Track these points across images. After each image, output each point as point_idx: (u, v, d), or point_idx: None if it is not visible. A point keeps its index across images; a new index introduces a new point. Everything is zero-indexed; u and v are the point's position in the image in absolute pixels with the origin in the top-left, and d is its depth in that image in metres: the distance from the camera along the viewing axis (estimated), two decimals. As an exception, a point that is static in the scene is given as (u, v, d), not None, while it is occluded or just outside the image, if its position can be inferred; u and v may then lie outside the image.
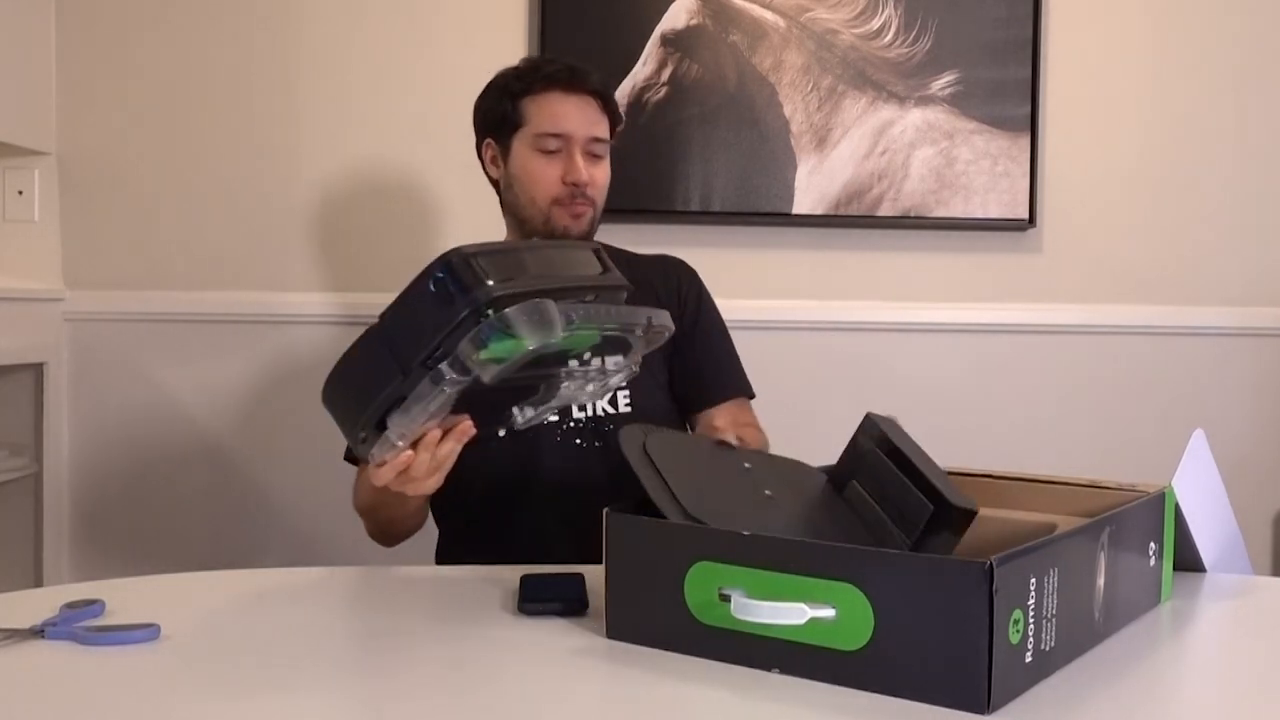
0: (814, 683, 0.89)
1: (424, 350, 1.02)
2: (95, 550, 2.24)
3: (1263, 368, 2.26)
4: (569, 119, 1.55)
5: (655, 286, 1.62)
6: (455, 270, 1.02)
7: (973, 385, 2.24)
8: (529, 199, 1.56)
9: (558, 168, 1.54)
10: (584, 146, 1.55)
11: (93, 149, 2.23)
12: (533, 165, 1.55)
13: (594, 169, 1.56)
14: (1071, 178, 2.25)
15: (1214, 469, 1.27)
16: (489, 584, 1.22)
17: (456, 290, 1.01)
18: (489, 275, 1.01)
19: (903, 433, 1.15)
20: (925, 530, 1.02)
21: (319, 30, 2.22)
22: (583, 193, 1.54)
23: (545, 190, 1.54)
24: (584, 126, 1.55)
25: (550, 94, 1.55)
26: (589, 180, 1.54)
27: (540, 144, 1.55)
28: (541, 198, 1.55)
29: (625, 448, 1.09)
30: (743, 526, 0.95)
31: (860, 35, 2.19)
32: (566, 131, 1.54)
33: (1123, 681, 0.93)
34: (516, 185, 1.57)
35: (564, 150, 1.55)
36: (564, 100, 1.55)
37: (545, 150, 1.55)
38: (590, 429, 1.52)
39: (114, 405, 2.23)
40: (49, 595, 1.15)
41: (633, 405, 1.54)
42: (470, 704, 0.89)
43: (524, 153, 1.56)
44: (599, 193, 1.58)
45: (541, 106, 1.55)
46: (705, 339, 1.64)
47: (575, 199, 1.54)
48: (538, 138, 1.55)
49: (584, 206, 1.55)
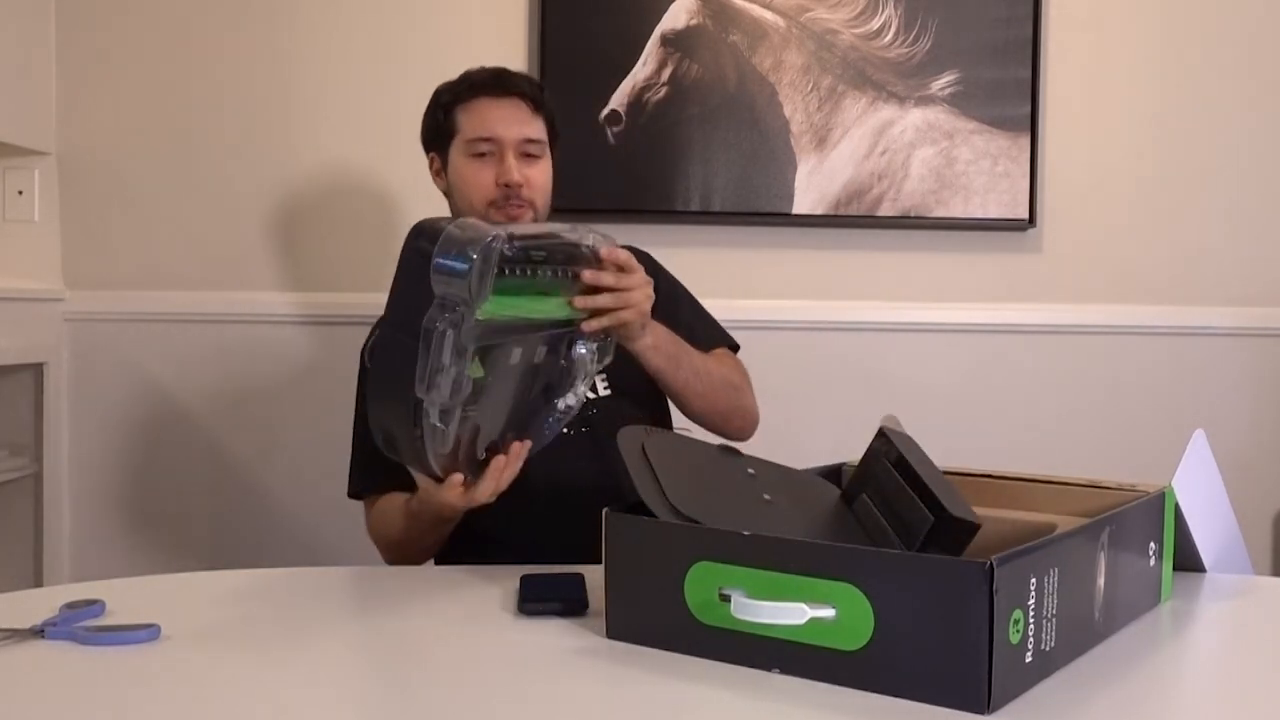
0: (814, 683, 0.89)
1: (418, 310, 1.10)
2: (95, 550, 2.24)
3: (1263, 368, 2.26)
4: (498, 122, 1.56)
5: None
6: (418, 231, 1.13)
7: (972, 385, 2.24)
8: (467, 205, 1.58)
9: (490, 171, 1.56)
10: (516, 148, 1.56)
11: (93, 149, 2.23)
12: (466, 171, 1.57)
13: (529, 170, 1.57)
14: (1071, 178, 2.25)
15: (1214, 469, 1.27)
16: (489, 584, 1.22)
17: (422, 244, 1.12)
18: (443, 223, 1.13)
19: (914, 444, 1.15)
20: (926, 541, 1.02)
21: (319, 31, 2.22)
22: (516, 194, 1.55)
23: (480, 194, 1.56)
24: (513, 128, 1.56)
25: (478, 100, 1.58)
26: (522, 181, 1.55)
27: (472, 149, 1.57)
28: (478, 201, 1.56)
29: (623, 447, 1.09)
30: (736, 527, 0.95)
31: (860, 35, 2.19)
32: (496, 135, 1.56)
33: (1123, 681, 0.93)
34: (455, 193, 1.60)
35: (496, 153, 1.56)
36: (492, 105, 1.57)
37: (478, 154, 1.57)
38: (576, 415, 1.52)
39: (114, 405, 2.23)
40: (49, 595, 1.15)
41: (611, 388, 1.57)
42: (470, 704, 0.89)
43: (458, 160, 1.59)
44: (537, 193, 1.58)
45: (471, 113, 1.58)
46: (668, 310, 1.61)
47: (510, 200, 1.55)
48: (469, 143, 1.57)
49: (520, 209, 1.56)
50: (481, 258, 1.09)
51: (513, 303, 1.16)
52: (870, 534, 1.11)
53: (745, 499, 1.12)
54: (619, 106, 2.17)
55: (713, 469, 1.16)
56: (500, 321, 1.15)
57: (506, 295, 1.14)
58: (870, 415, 1.26)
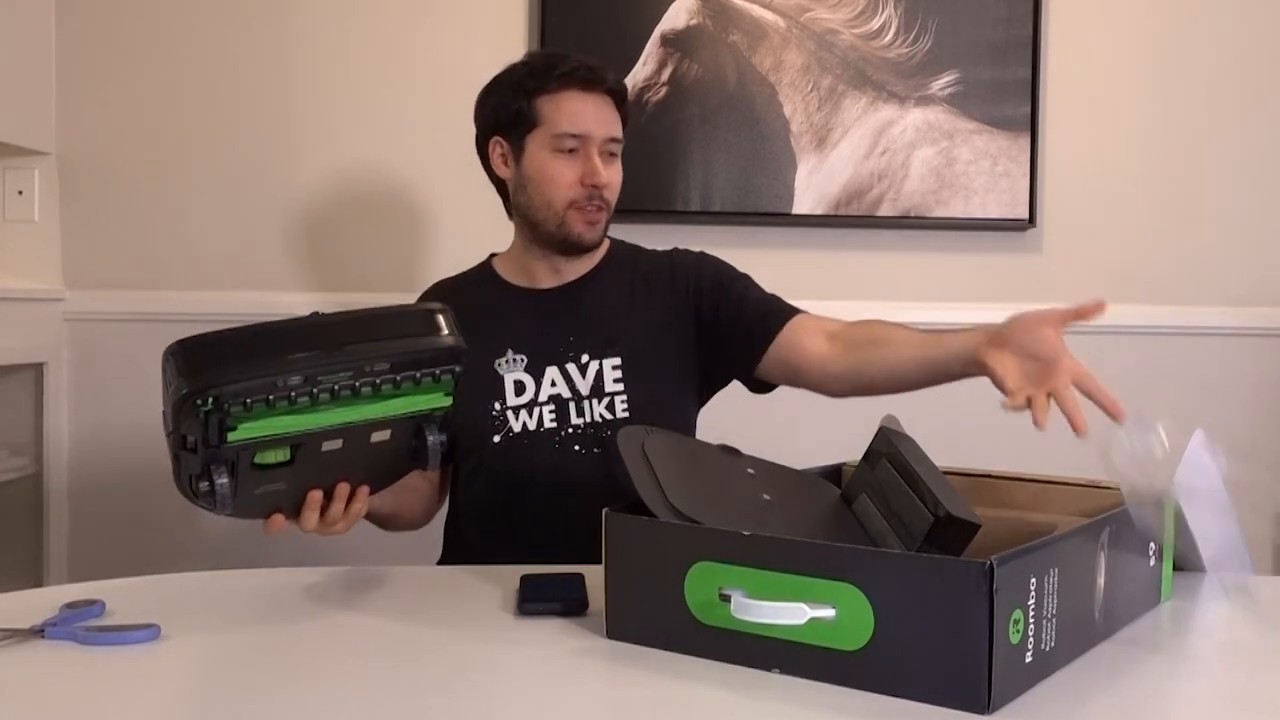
0: (814, 683, 0.89)
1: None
2: (95, 550, 2.24)
3: (1263, 368, 2.26)
4: (588, 118, 1.50)
5: (661, 282, 1.59)
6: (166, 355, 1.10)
7: (972, 385, 2.23)
8: (544, 201, 1.52)
9: (576, 169, 1.50)
10: (601, 147, 1.51)
11: (93, 149, 2.23)
12: (550, 167, 1.51)
13: (610, 170, 1.53)
14: (1071, 178, 2.25)
15: (1214, 469, 1.27)
16: (489, 584, 1.22)
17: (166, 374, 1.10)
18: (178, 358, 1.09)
19: (914, 444, 1.15)
20: (926, 541, 1.02)
21: (318, 31, 2.22)
22: (600, 195, 1.51)
23: (563, 192, 1.51)
24: (602, 126, 1.51)
25: (568, 92, 1.51)
26: (607, 182, 1.51)
27: (558, 144, 1.50)
28: (559, 200, 1.51)
29: (623, 447, 1.09)
30: (735, 527, 0.95)
31: (860, 35, 2.19)
32: (585, 131, 1.50)
33: (1123, 681, 0.93)
34: (531, 187, 1.53)
35: (581, 151, 1.51)
36: (582, 99, 1.51)
37: (563, 150, 1.50)
38: (589, 435, 1.51)
39: (114, 405, 2.22)
40: (49, 595, 1.15)
41: (630, 410, 1.52)
42: (471, 704, 0.89)
43: (540, 154, 1.52)
44: (614, 194, 1.54)
45: (559, 105, 1.51)
46: (736, 302, 1.57)
47: (592, 201, 1.51)
48: (555, 138, 1.50)
49: (599, 212, 1.52)
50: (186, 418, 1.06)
51: (286, 422, 1.09)
52: (870, 534, 1.11)
53: (745, 499, 1.12)
54: (619, 106, 2.17)
55: (713, 469, 1.16)
56: (287, 434, 1.09)
57: (277, 416, 1.08)
58: (870, 415, 1.26)
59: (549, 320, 1.56)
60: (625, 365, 1.53)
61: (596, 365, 1.53)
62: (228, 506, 1.10)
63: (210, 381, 1.05)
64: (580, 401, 1.52)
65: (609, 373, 1.53)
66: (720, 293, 1.58)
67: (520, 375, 1.53)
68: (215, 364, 1.06)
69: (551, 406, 1.52)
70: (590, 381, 1.53)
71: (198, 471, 1.10)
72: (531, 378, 1.53)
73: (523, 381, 1.53)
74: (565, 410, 1.52)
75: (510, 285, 1.61)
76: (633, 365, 1.53)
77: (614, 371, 1.53)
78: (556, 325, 1.56)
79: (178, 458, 1.11)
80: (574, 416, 1.52)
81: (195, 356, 1.07)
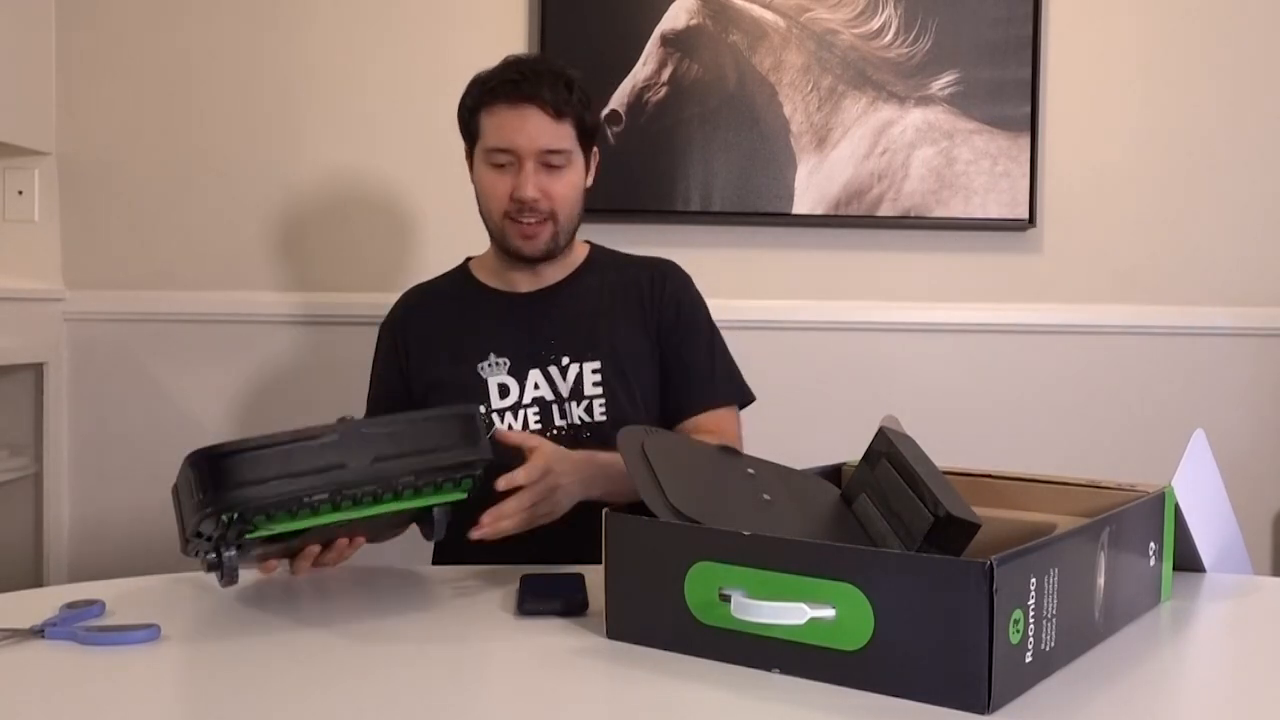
0: (814, 683, 0.89)
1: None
2: (95, 550, 2.24)
3: (1263, 368, 2.26)
4: (515, 133, 1.50)
5: (640, 289, 1.62)
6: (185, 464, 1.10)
7: (972, 385, 2.24)
8: (486, 212, 1.57)
9: (507, 183, 1.52)
10: (537, 159, 1.51)
11: (93, 149, 2.23)
12: (485, 180, 1.55)
13: (550, 182, 1.52)
14: (1071, 178, 2.24)
15: (1214, 469, 1.27)
16: (489, 584, 1.22)
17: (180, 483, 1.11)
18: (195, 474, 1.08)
19: (914, 444, 1.15)
20: (926, 541, 1.02)
21: (319, 31, 2.22)
22: (532, 208, 1.51)
23: (497, 205, 1.53)
24: (532, 140, 1.49)
25: (497, 106, 1.51)
26: (537, 196, 1.50)
27: (490, 158, 1.53)
28: (495, 213, 1.54)
29: (623, 447, 1.09)
30: (735, 527, 0.95)
31: (860, 35, 2.19)
32: (512, 145, 1.50)
33: (1123, 681, 0.93)
34: (478, 198, 1.58)
35: (514, 164, 1.52)
36: (510, 114, 1.50)
37: (496, 165, 1.52)
38: (569, 437, 1.52)
39: (114, 405, 2.23)
40: (49, 595, 1.15)
41: (608, 415, 1.53)
42: (470, 704, 0.89)
43: (480, 167, 1.56)
44: (560, 204, 1.53)
45: (490, 120, 1.52)
46: (686, 344, 1.60)
47: (524, 213, 1.51)
48: (488, 152, 1.53)
49: (535, 225, 1.52)
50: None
51: (306, 521, 1.11)
52: (870, 534, 1.11)
53: (745, 499, 1.12)
54: (619, 106, 2.17)
55: (713, 469, 1.16)
56: (305, 529, 1.13)
57: (298, 519, 1.11)
58: (870, 415, 1.26)
59: (529, 324, 1.58)
60: (604, 369, 1.55)
61: (577, 368, 1.55)
62: (234, 580, 1.12)
63: (235, 502, 1.05)
64: (563, 404, 1.54)
65: (589, 376, 1.55)
66: (685, 335, 1.61)
67: (503, 378, 1.55)
68: (240, 485, 1.05)
69: (536, 409, 1.54)
70: (570, 384, 1.54)
71: (206, 549, 1.12)
72: (515, 380, 1.55)
73: (506, 385, 1.55)
74: (549, 412, 1.54)
75: (489, 289, 1.63)
76: (611, 369, 1.55)
77: (594, 375, 1.55)
78: (537, 329, 1.57)
79: (186, 538, 1.12)
80: (557, 419, 1.54)
81: (221, 473, 1.06)
